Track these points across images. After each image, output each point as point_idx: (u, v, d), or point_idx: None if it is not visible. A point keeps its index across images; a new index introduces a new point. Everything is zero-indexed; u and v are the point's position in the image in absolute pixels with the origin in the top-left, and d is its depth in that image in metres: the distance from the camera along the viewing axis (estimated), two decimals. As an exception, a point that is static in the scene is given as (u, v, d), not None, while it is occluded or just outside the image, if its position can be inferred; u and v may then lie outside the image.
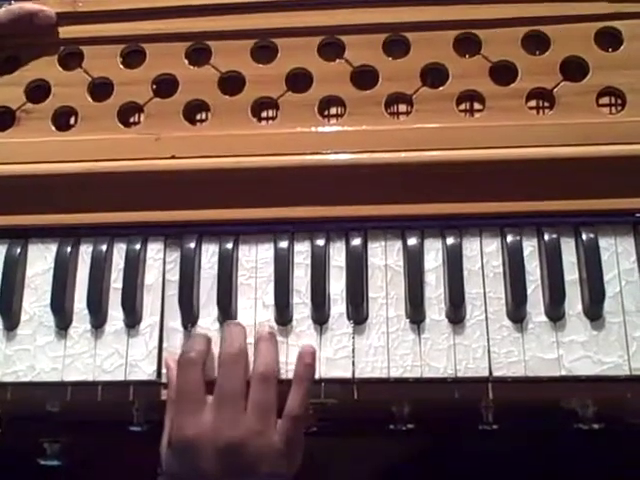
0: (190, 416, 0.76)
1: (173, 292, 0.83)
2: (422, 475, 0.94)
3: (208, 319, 0.83)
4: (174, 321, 0.83)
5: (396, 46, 0.88)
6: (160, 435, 0.80)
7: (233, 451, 0.75)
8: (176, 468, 0.77)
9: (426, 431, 0.82)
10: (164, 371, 0.81)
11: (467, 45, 0.87)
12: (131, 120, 0.90)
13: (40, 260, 0.86)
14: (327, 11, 0.88)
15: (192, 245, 0.84)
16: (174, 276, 0.84)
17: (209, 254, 0.84)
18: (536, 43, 0.87)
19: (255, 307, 0.83)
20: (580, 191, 0.82)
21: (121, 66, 0.90)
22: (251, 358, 0.79)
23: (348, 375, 0.79)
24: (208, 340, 0.80)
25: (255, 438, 0.75)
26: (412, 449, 0.93)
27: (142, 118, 0.88)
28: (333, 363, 0.80)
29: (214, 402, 0.76)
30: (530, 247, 0.82)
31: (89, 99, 0.89)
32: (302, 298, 0.82)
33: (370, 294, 0.82)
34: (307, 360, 0.79)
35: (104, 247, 0.85)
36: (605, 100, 0.86)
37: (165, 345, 0.82)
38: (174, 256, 0.85)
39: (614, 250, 0.82)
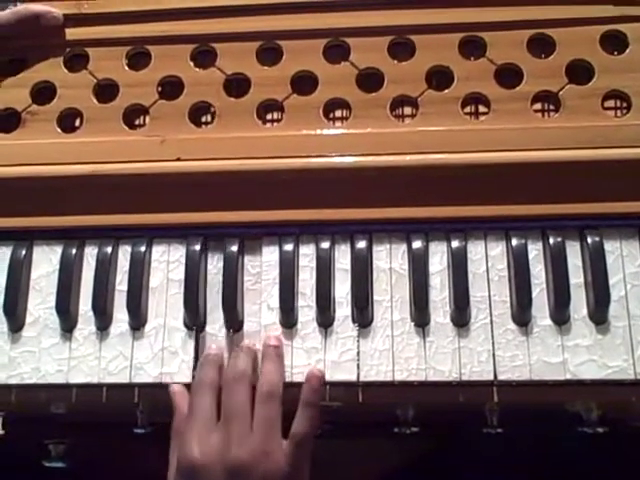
0: (199, 438, 0.76)
1: (176, 291, 0.83)
2: (426, 478, 0.94)
3: (216, 325, 0.83)
4: (176, 321, 0.83)
5: (401, 49, 0.88)
6: (163, 437, 0.80)
7: (240, 471, 0.74)
8: None
9: (431, 434, 0.82)
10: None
11: (472, 48, 0.87)
12: (136, 122, 0.90)
13: (45, 262, 0.86)
14: (332, 14, 0.88)
15: (197, 247, 0.84)
16: (177, 275, 0.84)
17: (214, 257, 0.84)
18: (541, 46, 0.87)
19: (260, 310, 0.83)
20: (585, 194, 0.81)
21: (126, 68, 0.90)
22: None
23: (353, 378, 0.79)
24: (221, 362, 0.80)
25: (262, 458, 0.74)
26: (416, 452, 0.93)
27: (147, 120, 0.88)
28: (338, 366, 0.80)
29: (221, 423, 0.76)
30: (535, 250, 0.82)
31: (94, 101, 0.89)
32: (307, 301, 0.82)
33: (375, 297, 0.82)
34: (314, 384, 0.78)
35: (109, 249, 0.85)
36: (610, 103, 0.86)
37: (167, 344, 0.82)
38: (178, 256, 0.84)
39: (619, 253, 0.81)
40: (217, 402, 0.78)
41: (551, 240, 0.81)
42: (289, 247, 0.83)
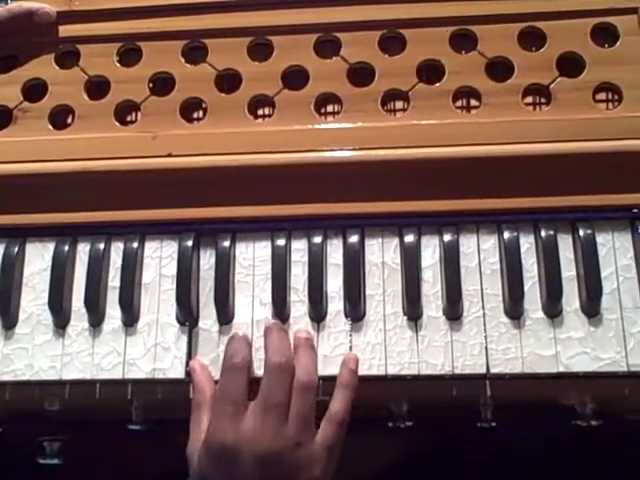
0: (231, 421, 0.75)
1: (168, 287, 0.83)
2: (421, 473, 0.94)
3: (209, 321, 0.83)
4: (169, 317, 0.83)
5: (392, 43, 0.88)
6: (161, 434, 0.80)
7: (272, 461, 0.74)
8: (210, 471, 0.76)
9: (425, 429, 0.82)
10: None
11: (463, 41, 0.87)
12: (128, 118, 0.89)
13: (38, 259, 0.86)
14: (323, 8, 0.88)
15: (189, 243, 0.84)
16: (170, 271, 0.84)
17: (206, 253, 0.84)
18: (532, 39, 0.86)
19: (253, 305, 0.83)
20: (577, 187, 0.81)
21: (118, 64, 0.90)
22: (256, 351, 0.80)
23: (346, 372, 0.80)
24: (249, 342, 0.80)
25: (296, 449, 0.75)
26: (411, 447, 0.93)
27: (139, 116, 0.88)
28: (330, 360, 0.80)
29: (258, 410, 0.76)
30: (527, 244, 0.82)
31: (86, 98, 0.89)
32: (299, 296, 0.82)
33: (367, 291, 0.82)
34: (351, 366, 0.78)
35: (101, 246, 0.85)
36: (602, 96, 0.86)
37: (159, 340, 0.82)
38: (170, 252, 0.84)
39: (611, 246, 0.81)
40: (248, 382, 0.77)
41: (543, 233, 0.81)
42: (281, 242, 0.83)
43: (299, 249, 0.84)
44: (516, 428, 0.83)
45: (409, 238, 0.83)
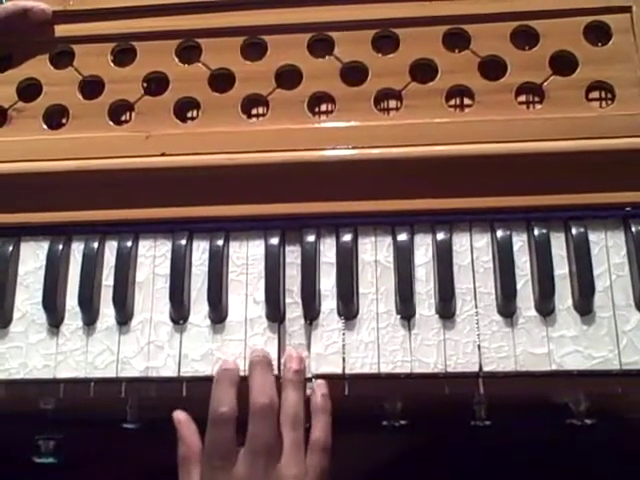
0: (223, 473, 0.75)
1: (162, 285, 0.84)
2: (415, 471, 0.94)
3: (199, 315, 0.83)
4: (162, 315, 0.83)
5: (385, 42, 0.88)
6: (155, 433, 0.80)
7: None
8: None
9: (419, 427, 0.82)
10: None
11: (456, 40, 0.87)
12: (122, 118, 0.90)
13: (32, 258, 0.86)
14: (316, 8, 0.88)
15: (183, 242, 0.84)
16: (164, 270, 0.84)
17: (200, 251, 0.85)
18: (525, 38, 0.87)
19: (246, 303, 0.83)
20: (570, 185, 0.81)
21: (112, 64, 0.90)
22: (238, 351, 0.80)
23: (339, 371, 0.79)
24: (237, 386, 0.78)
25: None
26: (405, 445, 0.93)
27: (133, 116, 0.89)
28: (324, 359, 0.80)
29: (247, 455, 0.75)
30: (520, 242, 0.82)
31: (80, 97, 0.89)
32: (292, 295, 0.82)
33: (360, 290, 0.82)
34: (323, 391, 0.78)
35: (95, 245, 0.85)
36: (595, 94, 0.86)
37: (153, 339, 0.82)
38: (164, 251, 0.85)
39: (604, 244, 0.81)
40: (235, 430, 0.76)
41: (536, 231, 0.81)
42: (274, 241, 0.83)
43: (292, 248, 0.84)
44: (509, 427, 0.83)
45: (402, 237, 0.83)
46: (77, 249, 0.86)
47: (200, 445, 0.78)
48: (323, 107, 0.88)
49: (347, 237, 0.83)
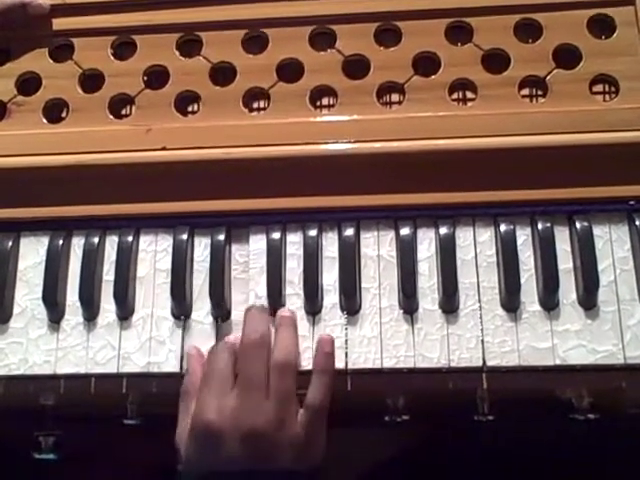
0: (216, 400, 0.75)
1: (163, 281, 0.83)
2: (417, 467, 0.94)
3: (201, 312, 0.82)
4: (163, 310, 0.82)
5: (387, 35, 0.87)
6: (156, 429, 0.79)
7: (254, 439, 0.74)
8: (197, 455, 0.75)
9: (421, 422, 0.81)
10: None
11: (459, 33, 0.86)
12: (122, 112, 0.89)
13: (32, 253, 0.85)
14: (318, 0, 0.88)
15: (184, 236, 0.83)
16: (165, 265, 0.83)
17: (201, 247, 0.84)
18: (528, 31, 0.86)
19: (248, 298, 0.82)
20: (574, 179, 0.81)
21: (112, 58, 0.89)
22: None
23: (341, 366, 0.79)
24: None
25: (277, 427, 0.74)
26: (407, 441, 0.93)
27: (133, 110, 0.88)
28: (326, 354, 0.80)
29: (237, 388, 0.76)
30: (524, 236, 0.82)
31: (80, 91, 0.88)
32: (295, 289, 0.82)
33: (363, 284, 0.81)
34: (326, 349, 0.78)
35: (96, 240, 0.84)
36: (599, 87, 0.85)
37: (154, 334, 0.82)
38: (165, 245, 0.84)
39: (608, 238, 0.81)
40: (234, 364, 0.77)
41: (540, 225, 0.81)
42: (276, 235, 0.83)
43: (294, 242, 0.83)
44: (513, 421, 0.83)
45: (405, 231, 0.82)
46: (77, 244, 0.85)
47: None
48: (325, 101, 0.87)
49: (349, 231, 0.83)
